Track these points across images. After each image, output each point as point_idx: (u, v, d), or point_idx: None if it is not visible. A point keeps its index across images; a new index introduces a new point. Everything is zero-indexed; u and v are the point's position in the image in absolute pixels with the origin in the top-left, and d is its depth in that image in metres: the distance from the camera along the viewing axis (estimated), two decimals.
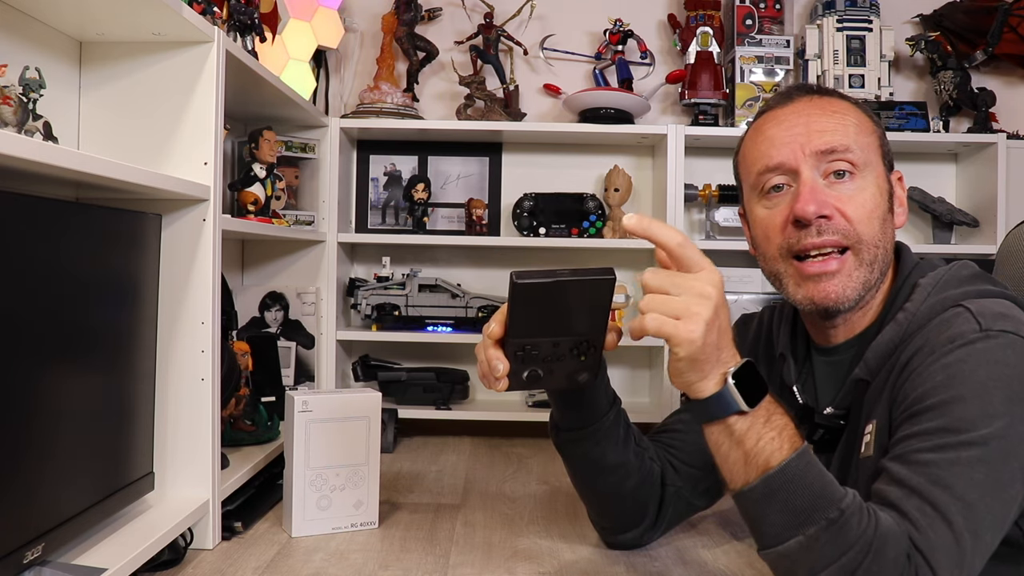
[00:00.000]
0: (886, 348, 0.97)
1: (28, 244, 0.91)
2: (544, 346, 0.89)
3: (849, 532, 0.79)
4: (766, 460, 0.82)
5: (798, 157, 1.01)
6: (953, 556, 0.78)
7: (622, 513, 1.21)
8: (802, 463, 0.82)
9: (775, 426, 0.83)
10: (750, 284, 2.23)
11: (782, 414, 0.85)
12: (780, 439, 0.83)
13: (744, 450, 0.84)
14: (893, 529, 0.79)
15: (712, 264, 0.84)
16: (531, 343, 0.88)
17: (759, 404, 0.84)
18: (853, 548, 0.78)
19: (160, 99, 1.29)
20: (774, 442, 0.82)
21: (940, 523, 0.79)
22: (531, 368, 0.89)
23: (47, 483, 0.97)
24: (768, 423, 0.83)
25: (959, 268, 1.00)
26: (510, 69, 2.35)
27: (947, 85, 2.25)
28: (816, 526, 0.79)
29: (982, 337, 0.87)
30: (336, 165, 2.15)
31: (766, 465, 0.82)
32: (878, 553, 0.78)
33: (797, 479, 0.81)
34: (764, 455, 0.82)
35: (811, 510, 0.80)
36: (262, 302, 2.10)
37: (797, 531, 0.80)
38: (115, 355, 1.14)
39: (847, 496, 0.81)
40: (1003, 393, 0.84)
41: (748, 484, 0.84)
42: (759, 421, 0.83)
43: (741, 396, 0.83)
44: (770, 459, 0.82)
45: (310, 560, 1.21)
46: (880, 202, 1.02)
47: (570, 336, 0.89)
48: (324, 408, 1.33)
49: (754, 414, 0.83)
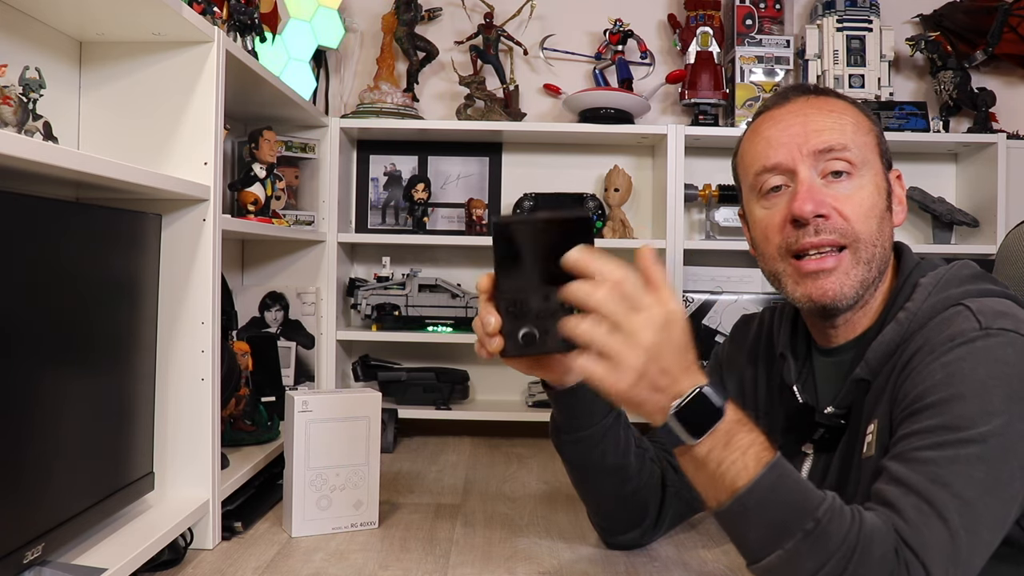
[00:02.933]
0: (887, 348, 0.97)
1: (28, 244, 0.91)
2: (534, 299, 0.87)
3: (830, 539, 0.78)
4: (732, 481, 0.82)
5: (795, 157, 1.01)
6: (948, 553, 0.78)
7: (622, 514, 1.21)
8: (772, 478, 0.81)
9: (737, 447, 0.82)
10: (750, 284, 2.23)
11: (747, 431, 0.83)
12: (744, 458, 0.81)
13: (707, 473, 0.83)
14: (879, 528, 0.79)
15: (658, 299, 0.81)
16: (520, 295, 0.87)
17: (714, 429, 0.82)
18: (836, 554, 0.78)
19: (160, 99, 1.29)
20: (737, 463, 0.81)
21: (935, 520, 0.79)
22: (525, 327, 0.88)
23: (47, 483, 0.97)
24: (729, 446, 0.82)
25: (960, 268, 1.00)
26: (510, 69, 2.35)
27: (947, 85, 2.25)
28: (794, 539, 0.79)
29: (982, 335, 0.88)
30: (336, 165, 2.15)
31: (733, 486, 0.81)
32: (864, 554, 0.78)
33: (767, 496, 0.81)
34: (730, 477, 0.82)
35: (787, 523, 0.80)
36: (262, 302, 2.10)
37: (776, 546, 0.80)
38: (115, 355, 1.14)
39: (824, 503, 0.80)
40: (1003, 391, 0.84)
41: (721, 505, 0.83)
42: (718, 445, 0.82)
43: (687, 428, 0.82)
44: (736, 480, 0.81)
45: (310, 560, 1.21)
46: (878, 201, 1.02)
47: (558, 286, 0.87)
48: (324, 408, 1.33)
49: (711, 439, 0.82)
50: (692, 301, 2.18)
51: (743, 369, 1.22)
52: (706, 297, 2.18)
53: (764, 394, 1.17)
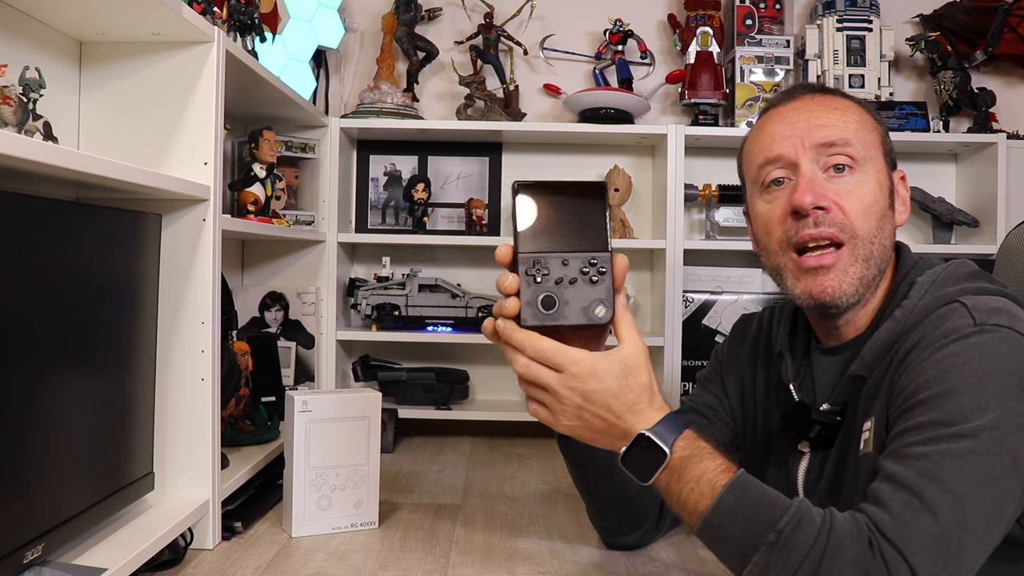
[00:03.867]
0: (883, 344, 0.97)
1: (28, 244, 0.91)
2: (553, 264, 0.90)
3: (795, 548, 0.80)
4: (693, 507, 0.87)
5: (798, 150, 1.02)
6: (935, 547, 0.77)
7: (624, 515, 1.21)
8: (730, 499, 0.85)
9: (690, 478, 0.88)
10: (750, 284, 2.23)
11: (697, 462, 0.88)
12: (699, 486, 0.87)
13: (672, 501, 0.91)
14: (848, 529, 0.80)
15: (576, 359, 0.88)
16: (540, 259, 0.90)
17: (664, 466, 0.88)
18: (805, 560, 0.79)
19: (160, 99, 1.29)
20: (694, 492, 0.87)
21: (924, 515, 0.78)
22: (544, 292, 0.89)
23: (47, 483, 0.97)
24: (681, 479, 0.88)
25: (957, 266, 1.01)
26: (510, 69, 2.35)
27: (947, 85, 2.25)
28: (759, 553, 0.81)
29: (976, 331, 0.88)
30: (336, 165, 2.15)
31: (695, 511, 0.87)
32: (833, 557, 0.78)
33: (727, 516, 0.84)
34: (691, 504, 0.88)
35: (751, 537, 0.82)
36: (262, 302, 2.10)
37: (746, 560, 0.83)
38: (115, 355, 1.14)
39: (787, 513, 0.82)
40: (996, 386, 0.84)
41: (693, 528, 0.88)
42: (672, 479, 0.89)
43: (635, 472, 0.90)
44: (697, 505, 0.87)
45: (310, 560, 1.21)
46: (879, 198, 1.02)
47: (577, 252, 0.90)
48: (324, 408, 1.33)
49: (664, 475, 0.89)
50: (692, 301, 2.18)
51: (743, 368, 1.22)
52: (706, 297, 2.18)
53: (763, 393, 1.18)
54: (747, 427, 1.20)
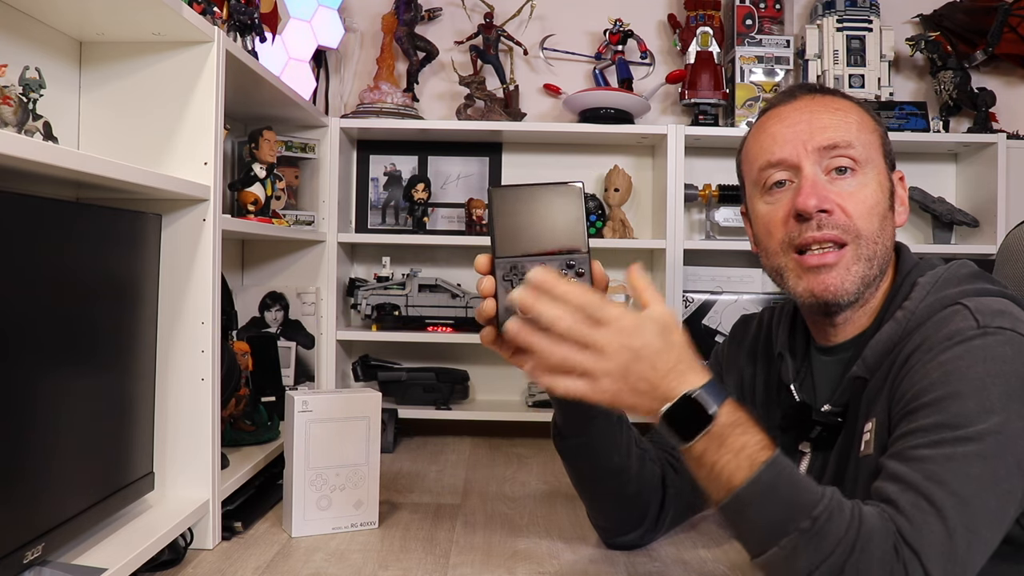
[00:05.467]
0: (885, 346, 0.97)
1: (28, 244, 0.91)
2: (531, 267, 0.88)
3: (827, 536, 0.79)
4: (728, 480, 0.83)
5: (800, 153, 1.02)
6: (945, 551, 0.78)
7: (623, 515, 1.21)
8: (768, 477, 0.81)
9: (731, 448, 0.83)
10: (750, 284, 2.23)
11: (741, 433, 0.84)
12: (738, 459, 0.82)
13: (705, 472, 0.85)
14: (878, 526, 0.79)
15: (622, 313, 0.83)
16: (517, 263, 0.88)
17: (706, 432, 0.83)
18: (835, 551, 0.78)
19: (160, 99, 1.29)
20: (731, 464, 0.82)
21: (933, 518, 0.79)
22: None
23: (47, 483, 0.97)
24: (722, 448, 0.83)
25: (958, 267, 1.01)
26: (510, 69, 2.35)
27: (947, 85, 2.25)
28: (789, 536, 0.80)
29: (980, 334, 0.88)
30: (336, 165, 2.15)
31: (728, 485, 0.83)
32: (863, 552, 0.78)
33: (763, 494, 0.81)
34: (725, 476, 0.83)
35: (782, 521, 0.80)
36: (262, 302, 2.10)
37: (774, 542, 0.81)
38: (115, 355, 1.14)
39: (822, 501, 0.80)
40: (1000, 389, 0.84)
41: (719, 502, 0.85)
42: (711, 447, 0.83)
43: (676, 434, 0.85)
44: (731, 479, 0.82)
45: (310, 560, 1.21)
46: (880, 199, 1.02)
47: (554, 254, 0.88)
48: (324, 408, 1.33)
49: (703, 441, 0.83)
50: (692, 301, 2.18)
51: (742, 368, 1.22)
52: (706, 297, 2.18)
53: (763, 393, 1.18)
54: None
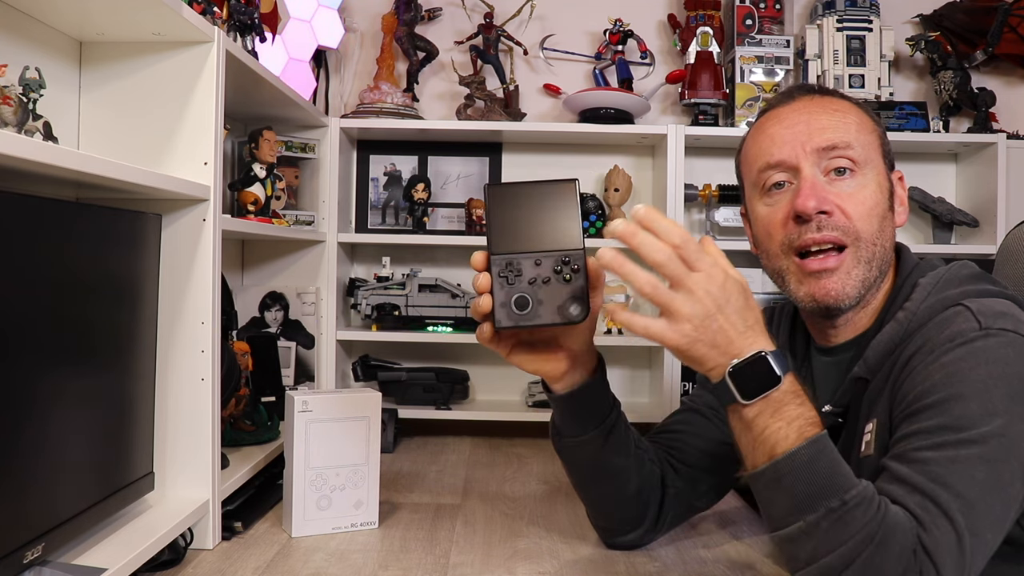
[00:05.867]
0: (886, 347, 0.97)
1: (28, 244, 0.91)
2: (527, 265, 0.89)
3: (851, 522, 0.79)
4: (772, 447, 0.83)
5: (799, 154, 1.02)
6: (955, 555, 0.78)
7: (623, 515, 1.21)
8: (811, 452, 0.82)
9: (785, 416, 0.84)
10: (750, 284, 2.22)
11: (798, 404, 0.85)
12: (788, 428, 0.83)
13: (752, 436, 0.85)
14: (902, 523, 0.79)
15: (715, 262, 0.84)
16: (513, 259, 0.89)
17: (766, 395, 0.84)
18: (854, 538, 0.78)
19: (160, 99, 1.29)
20: (781, 431, 0.83)
21: (943, 521, 0.79)
22: (518, 293, 0.89)
23: (47, 483, 0.97)
24: (777, 414, 0.84)
25: (959, 268, 1.01)
26: (510, 69, 2.35)
27: (947, 85, 2.25)
28: (816, 513, 0.80)
29: (982, 335, 0.88)
30: (336, 165, 2.15)
31: (771, 452, 0.83)
32: (881, 545, 0.78)
33: (801, 467, 0.82)
34: (770, 443, 0.83)
35: (814, 497, 0.81)
36: (262, 302, 2.10)
37: (799, 517, 0.81)
38: (115, 355, 1.14)
39: (857, 487, 0.81)
40: (1003, 391, 0.84)
41: (756, 468, 0.85)
42: (767, 411, 0.84)
43: (740, 390, 0.84)
44: (775, 447, 0.83)
45: (310, 560, 1.21)
46: (880, 200, 1.02)
47: (549, 251, 0.89)
48: (324, 408, 1.33)
49: (761, 403, 0.84)
50: None
51: None
52: None
53: None
54: None
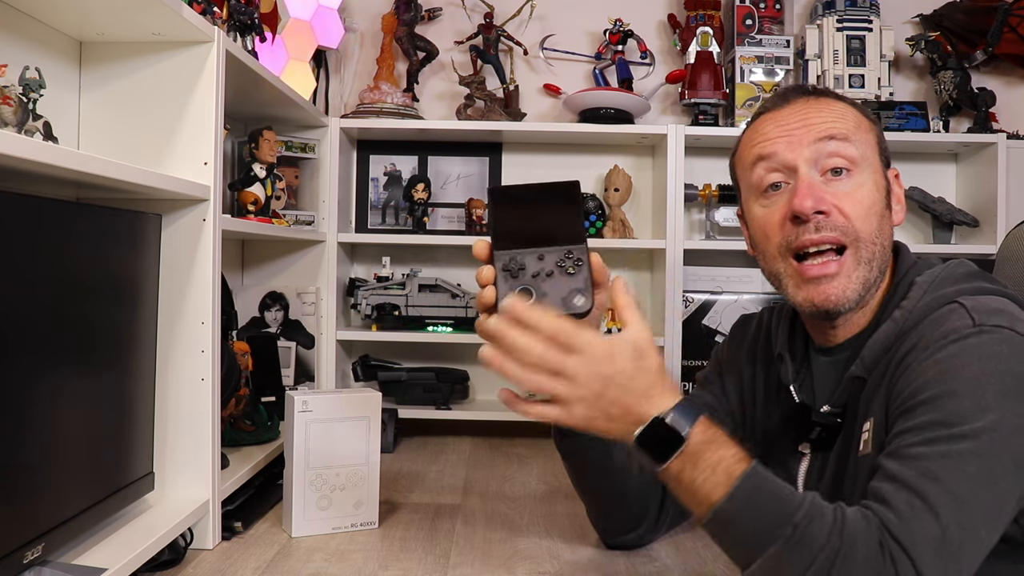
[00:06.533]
0: (882, 345, 0.97)
1: (28, 244, 0.91)
2: (530, 260, 0.90)
3: (810, 542, 0.79)
4: (707, 497, 0.83)
5: (795, 151, 1.01)
6: (938, 547, 0.78)
7: (623, 515, 1.21)
8: (746, 489, 0.82)
9: (706, 466, 0.84)
10: (750, 284, 2.23)
11: (715, 449, 0.84)
12: (715, 476, 0.83)
13: (684, 491, 0.86)
14: (860, 527, 0.79)
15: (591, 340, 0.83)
16: (516, 255, 0.90)
17: (679, 452, 0.84)
18: (819, 556, 0.78)
19: (160, 99, 1.29)
20: (709, 480, 0.83)
21: (926, 515, 0.79)
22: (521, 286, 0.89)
23: (47, 483, 0.97)
24: (697, 466, 0.84)
25: (955, 266, 1.00)
26: (510, 69, 2.35)
27: (947, 85, 2.25)
28: (774, 546, 0.80)
29: (975, 332, 0.88)
30: (336, 165, 2.15)
31: (708, 501, 0.83)
32: (847, 556, 0.78)
33: (743, 507, 0.82)
34: (703, 492, 0.84)
35: (765, 531, 0.80)
36: (262, 302, 2.10)
37: (759, 554, 0.81)
38: (115, 355, 1.14)
39: (802, 507, 0.81)
40: (996, 387, 0.84)
41: (702, 520, 0.85)
42: (688, 465, 0.84)
43: (650, 455, 0.85)
44: (710, 495, 0.83)
45: (310, 560, 1.21)
46: (877, 199, 1.02)
47: (552, 247, 0.90)
48: (324, 408, 1.33)
49: (678, 461, 0.84)
50: (692, 301, 2.18)
51: (742, 369, 1.22)
52: (706, 297, 2.18)
53: (762, 394, 1.17)
54: (747, 428, 1.20)
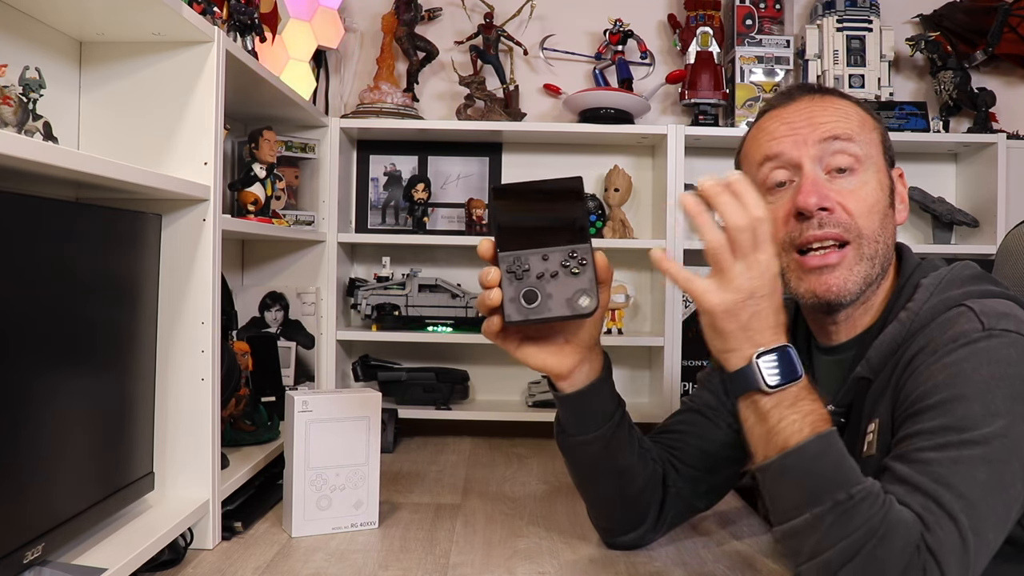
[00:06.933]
0: (889, 346, 0.97)
1: (28, 244, 0.91)
2: (534, 261, 0.90)
3: (856, 516, 0.79)
4: (785, 440, 0.84)
5: (800, 150, 1.02)
6: (960, 556, 0.78)
7: (624, 515, 1.21)
8: (821, 446, 0.83)
9: (801, 410, 0.85)
10: None
11: (812, 400, 0.86)
12: (802, 422, 0.84)
13: (766, 427, 0.86)
14: (906, 520, 0.80)
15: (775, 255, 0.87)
16: (520, 256, 0.90)
17: (785, 387, 0.85)
18: (858, 531, 0.79)
19: (160, 99, 1.29)
20: (795, 424, 0.84)
21: (947, 521, 0.79)
22: (526, 288, 0.89)
23: (47, 483, 0.97)
24: (794, 406, 0.85)
25: (961, 268, 1.00)
26: (510, 69, 2.35)
27: (947, 85, 2.25)
28: (823, 506, 0.81)
29: (985, 336, 0.88)
30: (336, 165, 2.15)
31: (784, 444, 0.84)
32: (883, 539, 0.78)
33: (811, 460, 0.83)
34: (784, 434, 0.84)
35: (821, 490, 0.81)
36: (262, 302, 2.10)
37: (805, 509, 0.82)
38: (115, 355, 1.14)
39: (862, 483, 0.81)
40: (1005, 392, 0.84)
41: (767, 459, 0.86)
42: (785, 402, 0.85)
43: (765, 378, 0.86)
44: (789, 439, 0.84)
45: (310, 560, 1.21)
46: (881, 197, 1.02)
47: (556, 247, 0.90)
48: (324, 408, 1.33)
49: (780, 395, 0.86)
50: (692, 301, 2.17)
51: None
52: None
53: None
54: None
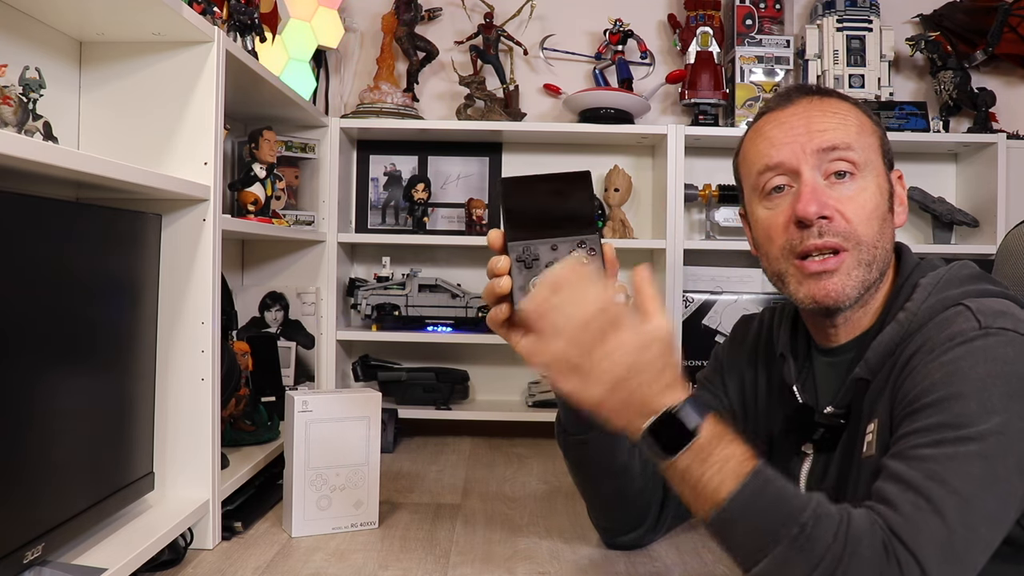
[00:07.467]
0: (887, 347, 0.97)
1: (28, 244, 0.91)
2: (543, 249, 0.90)
3: (817, 542, 0.78)
4: (713, 494, 0.82)
5: (799, 157, 1.01)
6: (943, 548, 0.78)
7: (625, 515, 1.21)
8: (753, 487, 0.81)
9: (715, 461, 0.82)
10: (750, 284, 2.23)
11: (724, 445, 0.83)
12: (722, 473, 0.82)
13: (689, 488, 0.84)
14: (865, 527, 0.79)
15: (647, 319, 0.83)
16: (530, 245, 0.90)
17: (689, 446, 0.82)
18: (825, 557, 0.78)
19: (160, 99, 1.29)
20: (716, 477, 0.82)
21: (932, 515, 0.79)
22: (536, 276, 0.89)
23: (47, 483, 0.97)
24: (706, 461, 0.82)
25: (959, 268, 1.00)
26: (510, 69, 2.35)
27: (947, 85, 2.25)
28: (780, 545, 0.79)
29: (982, 335, 0.88)
30: (336, 165, 2.15)
31: (715, 499, 0.82)
32: (853, 556, 0.78)
33: (749, 506, 0.81)
34: (710, 490, 0.82)
35: (771, 531, 0.80)
36: (262, 302, 2.10)
37: (763, 553, 0.80)
38: (115, 355, 1.14)
39: (808, 507, 0.80)
40: (1002, 390, 0.84)
41: (707, 517, 0.84)
42: (695, 461, 0.83)
43: (661, 446, 0.83)
44: (717, 492, 0.82)
45: (310, 560, 1.21)
46: (880, 202, 1.02)
47: (566, 236, 0.90)
48: (324, 408, 1.33)
49: (687, 455, 0.83)
50: (692, 301, 2.18)
51: (743, 369, 1.22)
52: (706, 297, 2.18)
53: (764, 394, 1.17)
54: (748, 428, 1.20)
